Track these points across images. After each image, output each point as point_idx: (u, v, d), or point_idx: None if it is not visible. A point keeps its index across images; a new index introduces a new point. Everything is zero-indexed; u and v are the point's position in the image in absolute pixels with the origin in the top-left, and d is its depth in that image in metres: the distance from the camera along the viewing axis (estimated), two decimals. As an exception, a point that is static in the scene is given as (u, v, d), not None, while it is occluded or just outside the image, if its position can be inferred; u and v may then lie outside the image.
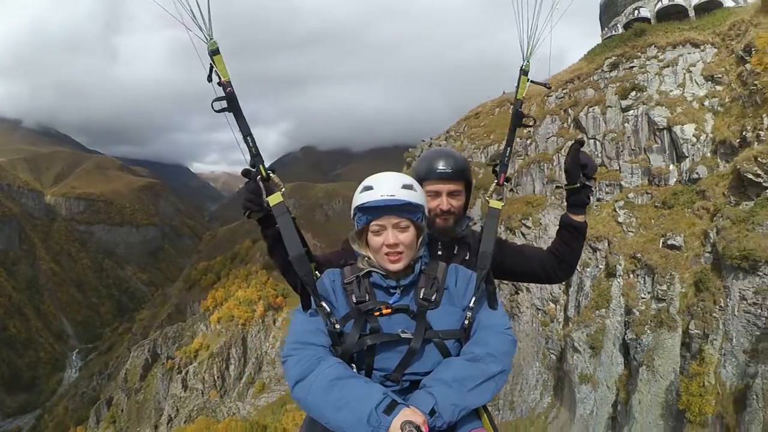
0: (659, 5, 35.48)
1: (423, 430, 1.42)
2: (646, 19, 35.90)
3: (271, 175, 1.97)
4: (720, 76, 28.86)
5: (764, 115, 24.39)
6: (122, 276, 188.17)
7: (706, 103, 28.59)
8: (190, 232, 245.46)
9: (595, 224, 28.14)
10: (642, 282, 25.02)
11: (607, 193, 29.80)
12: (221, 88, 1.90)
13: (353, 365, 1.78)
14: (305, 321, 1.83)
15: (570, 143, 1.73)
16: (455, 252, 2.22)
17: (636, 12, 37.02)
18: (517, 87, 2.23)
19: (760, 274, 21.28)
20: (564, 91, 36.75)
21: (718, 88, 28.71)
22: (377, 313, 1.79)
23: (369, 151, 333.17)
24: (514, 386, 31.52)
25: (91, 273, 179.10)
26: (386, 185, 1.80)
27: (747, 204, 23.25)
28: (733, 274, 22.15)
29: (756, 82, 25.41)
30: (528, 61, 2.22)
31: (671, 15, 34.84)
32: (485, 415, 1.83)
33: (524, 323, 32.30)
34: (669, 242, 24.38)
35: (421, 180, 2.22)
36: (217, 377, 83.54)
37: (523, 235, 32.47)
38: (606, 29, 40.42)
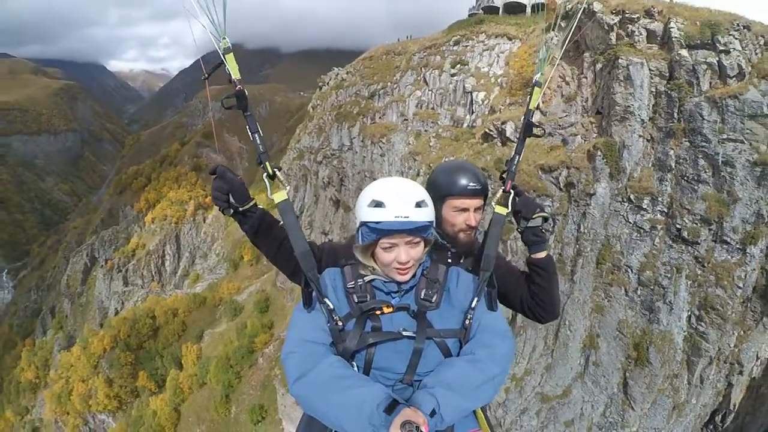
0: (506, -1, 47.57)
1: (423, 431, 1.42)
2: (496, 8, 48.31)
3: (276, 172, 1.93)
4: (512, 64, 42.05)
5: (507, 96, 41.14)
6: (44, 188, 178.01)
7: (500, 80, 41.82)
8: (110, 137, 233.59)
9: (418, 145, 45.40)
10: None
11: (430, 126, 46.36)
12: (233, 85, 1.89)
13: (353, 363, 1.77)
14: (306, 319, 1.83)
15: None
16: (461, 261, 2.17)
17: (490, 0, 49.39)
18: (530, 98, 2.27)
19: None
20: (424, 53, 51.52)
21: (511, 71, 41.32)
22: (378, 312, 1.79)
23: (299, 52, 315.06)
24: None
25: (12, 188, 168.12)
26: (400, 204, 1.73)
27: (485, 144, 40.74)
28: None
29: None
30: (542, 74, 2.29)
31: (515, 8, 47.19)
32: (482, 415, 1.87)
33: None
34: (447, 158, 42.01)
35: (447, 195, 2.22)
36: (155, 272, 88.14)
37: (380, 147, 49.05)
38: (472, 7, 52.32)
